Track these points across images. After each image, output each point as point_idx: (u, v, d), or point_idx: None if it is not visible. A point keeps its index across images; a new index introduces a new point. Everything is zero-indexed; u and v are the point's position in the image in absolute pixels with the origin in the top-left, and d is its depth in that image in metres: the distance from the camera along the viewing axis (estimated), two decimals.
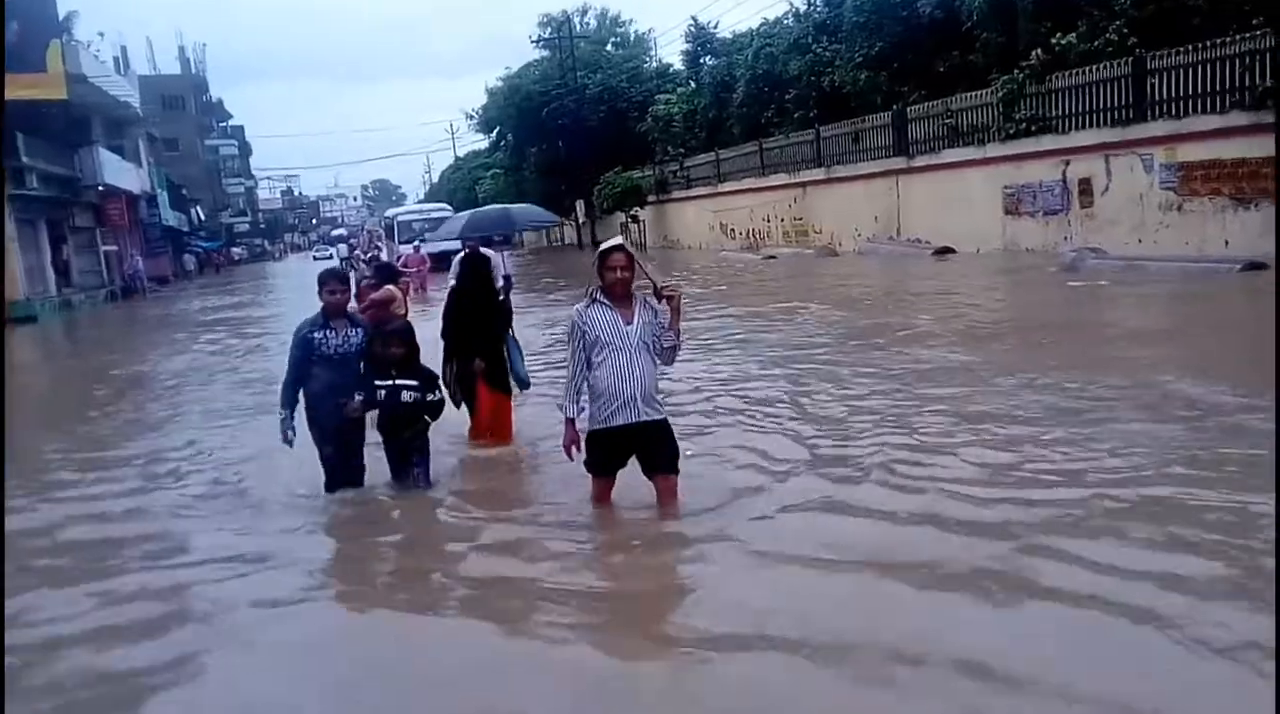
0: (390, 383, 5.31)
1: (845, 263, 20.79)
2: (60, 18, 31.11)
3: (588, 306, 4.42)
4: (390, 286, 10.50)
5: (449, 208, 43.43)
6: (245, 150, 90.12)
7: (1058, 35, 17.24)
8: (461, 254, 7.45)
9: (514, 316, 7.68)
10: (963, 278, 15.65)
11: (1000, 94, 18.24)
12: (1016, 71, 17.94)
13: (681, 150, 34.17)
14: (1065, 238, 16.92)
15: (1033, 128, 17.73)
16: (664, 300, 4.37)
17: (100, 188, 35.01)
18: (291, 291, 33.12)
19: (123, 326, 24.85)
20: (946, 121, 19.94)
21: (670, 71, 41.96)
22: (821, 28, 25.53)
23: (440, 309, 7.47)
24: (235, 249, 76.73)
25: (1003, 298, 13.51)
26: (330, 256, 59.16)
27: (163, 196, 48.36)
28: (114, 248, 38.38)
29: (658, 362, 4.51)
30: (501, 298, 7.54)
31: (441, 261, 29.44)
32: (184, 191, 57.18)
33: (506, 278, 8.73)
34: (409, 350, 5.41)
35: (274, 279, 45.54)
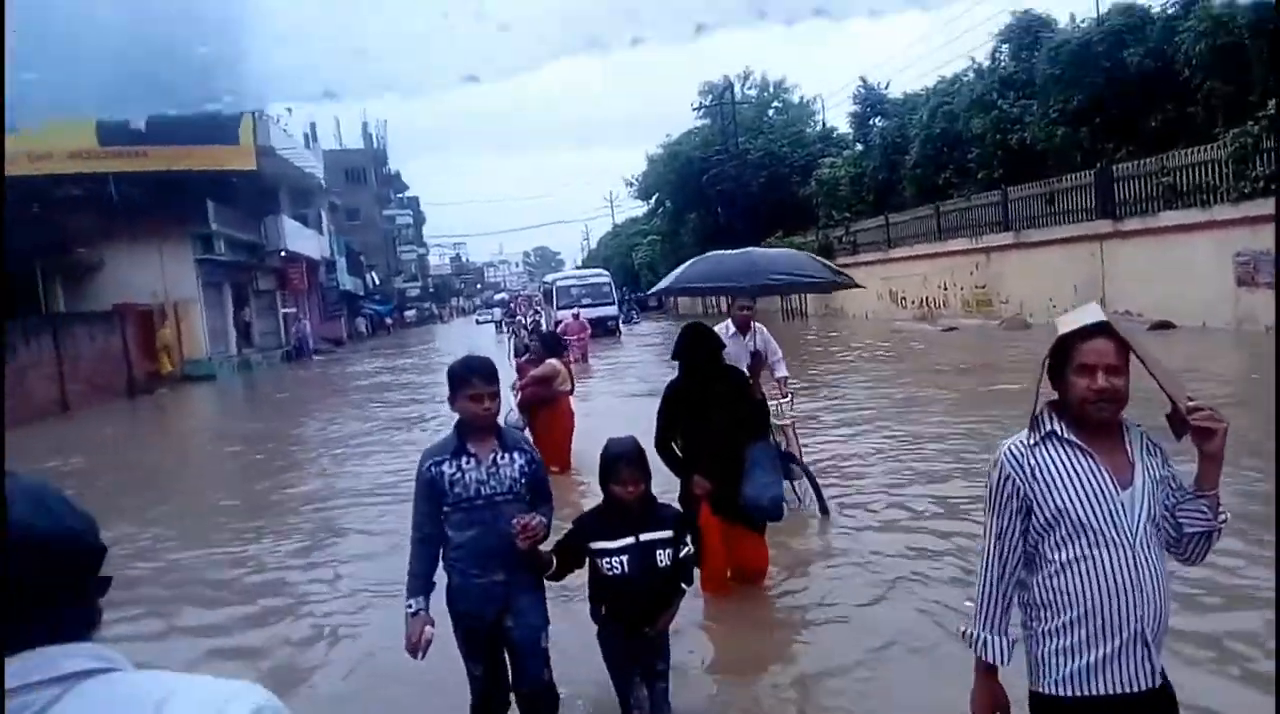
0: (632, 541, 3.37)
1: (1043, 337, 18.65)
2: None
3: (1034, 444, 2.22)
4: (553, 361, 9.62)
5: (606, 273, 43.48)
6: (419, 219, 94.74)
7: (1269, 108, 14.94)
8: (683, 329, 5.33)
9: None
10: (1206, 360, 13.42)
11: (1230, 149, 15.97)
12: (1251, 124, 15.68)
13: (848, 215, 32.69)
14: None
15: (1271, 187, 15.34)
16: (1186, 431, 2.17)
17: (283, 253, 36.84)
18: (452, 355, 33.55)
19: (289, 389, 25.43)
20: (1163, 180, 17.70)
21: (835, 135, 40.73)
22: (1008, 83, 23.75)
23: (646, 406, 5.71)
24: (408, 312, 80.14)
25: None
26: (491, 320, 60.70)
27: (341, 262, 50.83)
28: (293, 310, 40.25)
29: (1171, 555, 2.29)
30: (744, 386, 5.33)
31: (597, 326, 28.98)
32: (361, 258, 60.15)
33: (755, 355, 6.28)
34: (648, 482, 3.46)
35: (439, 342, 46.65)
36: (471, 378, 3.32)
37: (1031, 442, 2.22)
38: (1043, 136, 21.49)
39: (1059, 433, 2.20)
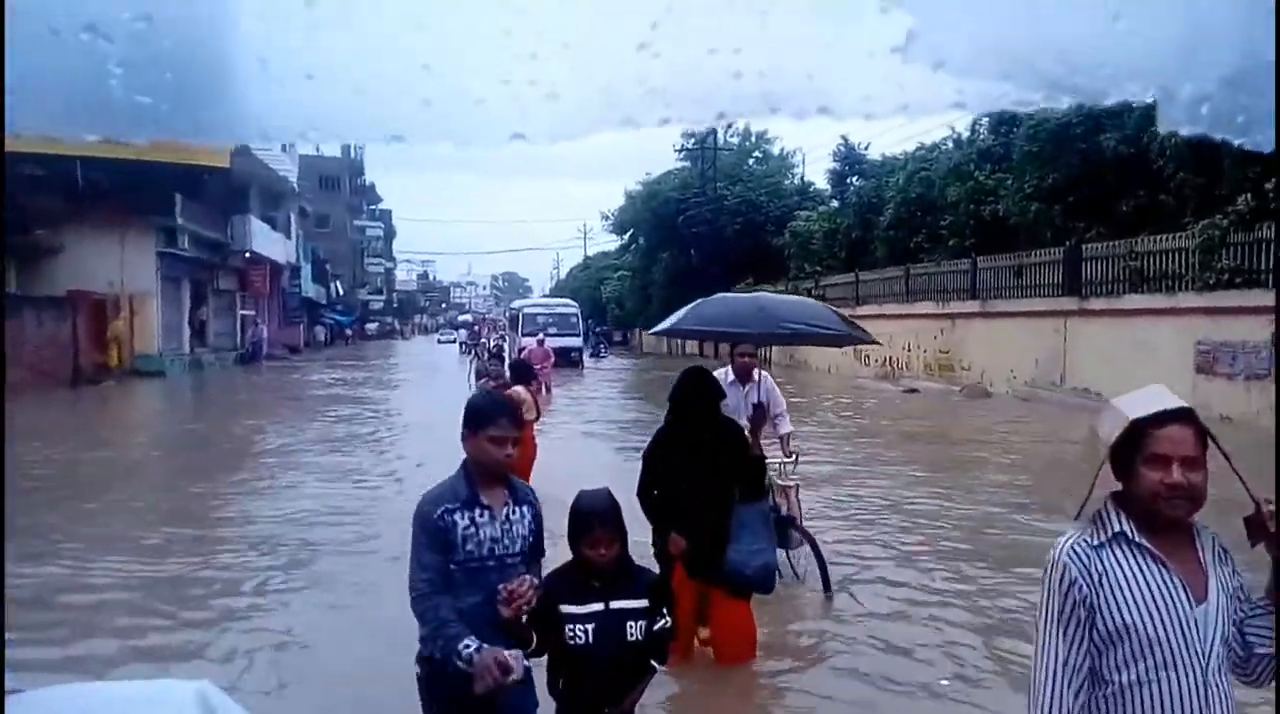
0: (600, 608, 2.98)
1: (1002, 407, 18.80)
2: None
3: (1098, 545, 1.95)
4: (519, 387, 9.37)
5: (574, 303, 43.35)
6: (390, 233, 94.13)
7: (1272, 181, 15.33)
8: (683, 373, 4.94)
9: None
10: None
11: (1198, 240, 16.31)
12: (1219, 217, 16.04)
13: (818, 268, 32.98)
14: (1271, 407, 14.60)
15: (1236, 279, 15.68)
16: (1263, 538, 1.89)
17: (247, 254, 36.22)
18: (411, 372, 33.08)
19: (238, 393, 24.82)
20: (1130, 263, 18.03)
21: (812, 189, 41.25)
22: (986, 155, 24.19)
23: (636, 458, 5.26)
24: (370, 325, 79.26)
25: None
26: (454, 341, 60.22)
27: (306, 269, 50.17)
28: (251, 313, 39.52)
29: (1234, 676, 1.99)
30: (740, 440, 4.90)
31: (561, 357, 28.65)
32: (327, 266, 59.46)
33: (758, 408, 5.91)
34: (623, 542, 3.09)
35: (397, 358, 46.07)
36: (497, 417, 2.90)
37: (1096, 542, 1.92)
38: (1016, 210, 21.85)
39: (1129, 535, 1.91)
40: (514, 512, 2.97)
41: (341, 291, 65.99)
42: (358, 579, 6.40)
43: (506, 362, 17.50)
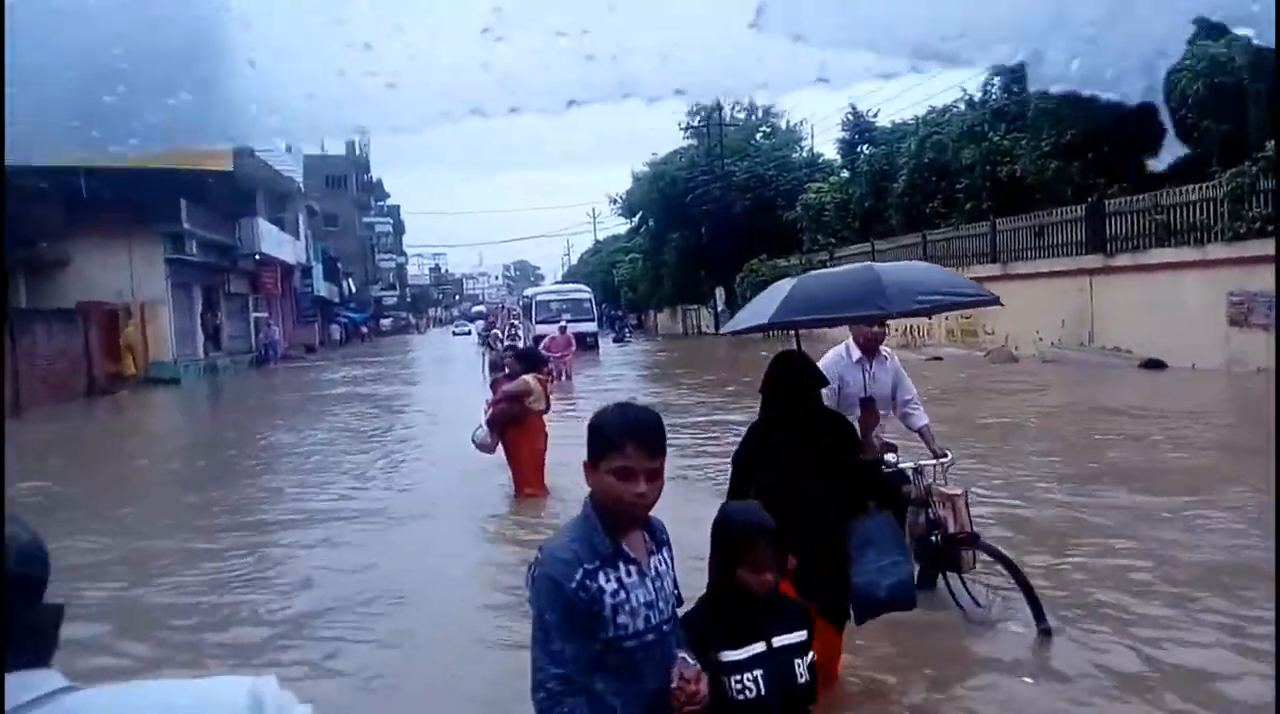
0: (763, 649, 2.42)
1: (1031, 371, 18.35)
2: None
3: None
4: (527, 376, 9.07)
5: (587, 288, 43.03)
6: (399, 228, 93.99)
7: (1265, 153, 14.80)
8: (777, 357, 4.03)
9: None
10: (1195, 400, 13.12)
11: (1226, 189, 15.80)
12: (1248, 164, 15.51)
13: (832, 240, 32.47)
14: None
15: (1268, 227, 15.16)
16: None
17: (257, 257, 36.06)
18: (427, 366, 32.88)
19: (255, 396, 24.69)
20: (1156, 217, 17.52)
21: (821, 160, 40.64)
22: (1000, 115, 23.65)
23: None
24: (384, 321, 79.27)
25: None
26: (469, 332, 60.08)
27: (317, 268, 50.03)
28: (265, 315, 39.41)
29: None
30: (849, 437, 4.06)
31: (577, 343, 28.34)
32: (338, 264, 59.36)
33: (868, 402, 4.77)
34: (783, 564, 2.59)
35: (414, 352, 45.93)
36: (626, 443, 2.06)
37: None
38: (1033, 169, 21.32)
39: None
40: (660, 561, 2.22)
41: (354, 289, 65.92)
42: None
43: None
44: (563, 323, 24.00)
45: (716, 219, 40.33)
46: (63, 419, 17.96)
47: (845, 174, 35.07)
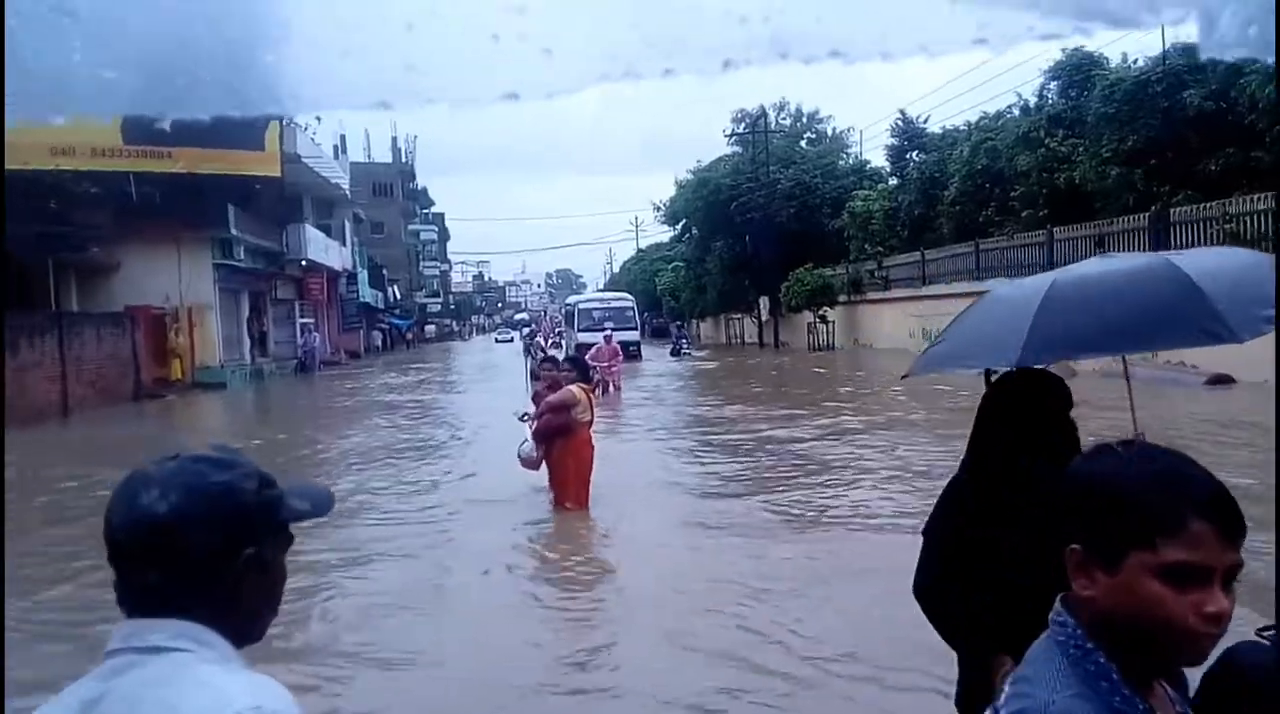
0: None
1: (1092, 385, 17.63)
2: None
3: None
4: (572, 387, 8.78)
5: (630, 297, 42.80)
6: (444, 235, 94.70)
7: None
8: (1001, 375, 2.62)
9: None
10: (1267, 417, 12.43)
11: None
12: None
13: (880, 249, 31.87)
14: None
15: None
16: None
17: (303, 263, 36.36)
18: (471, 373, 32.84)
19: (300, 400, 24.75)
20: (1224, 226, 16.78)
21: (868, 168, 40.01)
22: (1056, 120, 22.94)
23: None
24: (428, 327, 79.85)
25: None
26: (511, 340, 60.21)
27: (362, 275, 50.44)
28: (310, 321, 39.74)
29: None
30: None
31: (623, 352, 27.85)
32: (384, 271, 59.83)
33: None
34: None
35: (457, 359, 46.04)
36: (1193, 520, 1.10)
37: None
38: (1093, 176, 20.63)
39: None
40: None
41: (399, 296, 66.42)
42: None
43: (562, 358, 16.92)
44: (608, 332, 23.41)
45: (761, 227, 39.87)
46: (112, 422, 18.07)
47: (894, 181, 34.45)
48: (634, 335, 35.84)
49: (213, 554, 1.09)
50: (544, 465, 8.50)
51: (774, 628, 5.15)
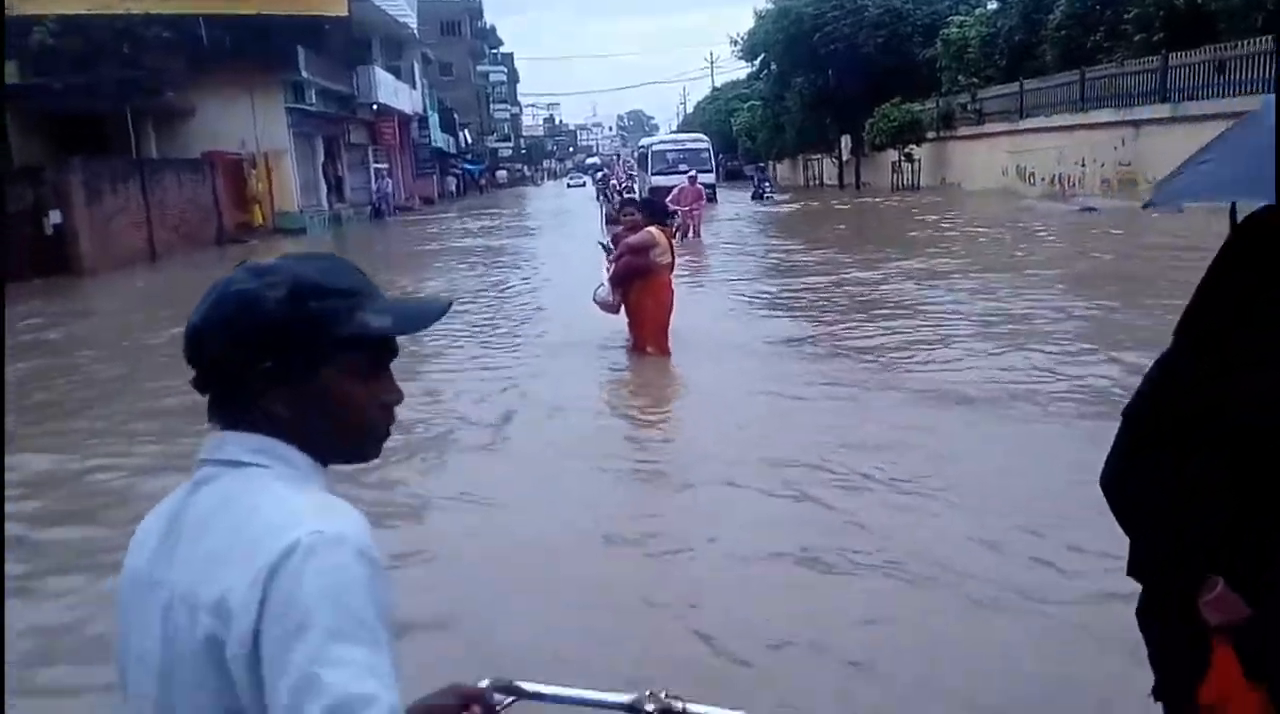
0: None
1: (1203, 224, 16.50)
2: None
3: None
4: (652, 228, 8.46)
5: (705, 138, 41.36)
6: (513, 77, 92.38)
7: None
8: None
9: None
10: None
11: None
12: None
13: (975, 80, 29.81)
14: None
15: None
16: None
17: (375, 107, 35.89)
18: (546, 218, 32.59)
19: (378, 244, 24.94)
20: None
21: None
22: None
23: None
24: (500, 172, 79.23)
25: None
26: (584, 184, 59.41)
27: (433, 119, 49.75)
28: (385, 166, 39.63)
29: None
30: None
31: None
32: (454, 115, 58.89)
33: None
34: None
35: (530, 204, 45.72)
36: None
37: None
38: None
39: None
40: None
41: (470, 140, 65.61)
42: None
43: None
44: (692, 173, 22.37)
45: (845, 60, 37.58)
46: (200, 267, 18.43)
47: (993, 5, 31.84)
48: (709, 178, 34.82)
49: (229, 363, 1.03)
50: (623, 310, 8.31)
51: (861, 479, 4.93)
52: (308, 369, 1.03)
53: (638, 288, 8.14)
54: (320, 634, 0.91)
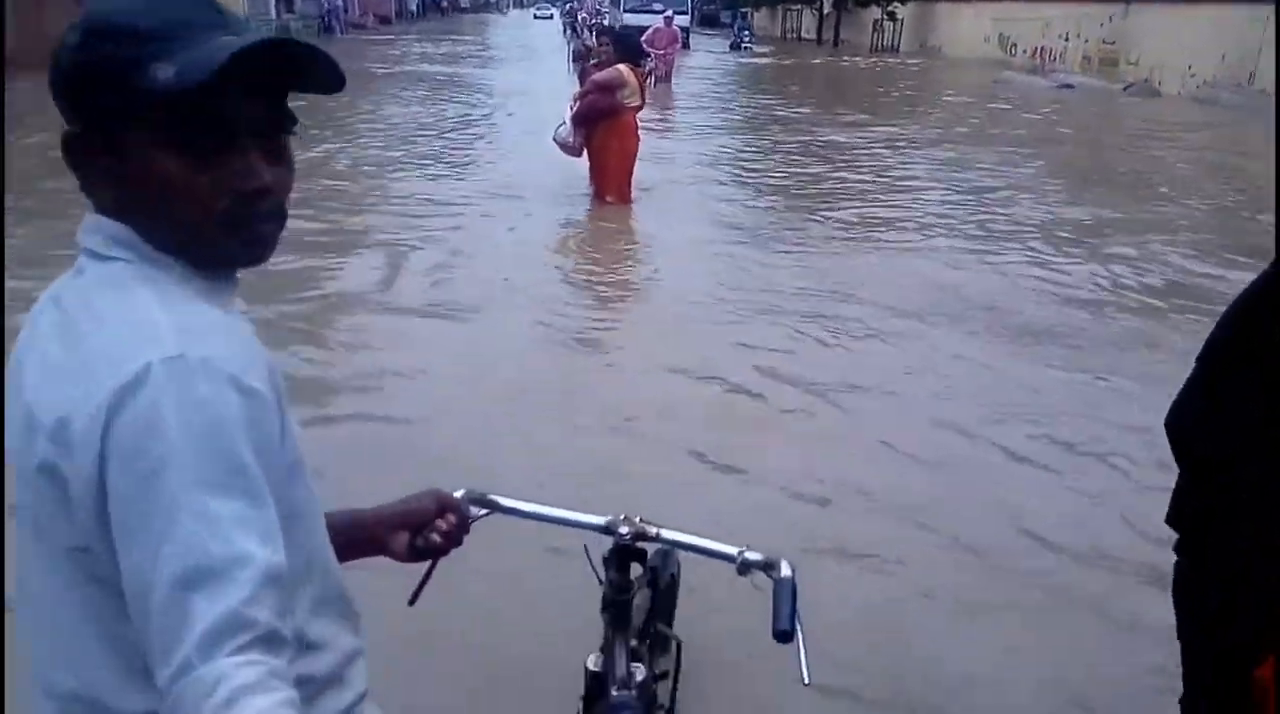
0: None
1: (1179, 110, 16.24)
2: None
3: None
4: (621, 65, 7.98)
5: None
6: None
7: None
8: None
9: None
10: None
11: None
12: None
13: None
14: None
15: None
16: None
17: None
18: (510, 49, 30.95)
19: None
20: None
21: None
22: None
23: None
24: None
25: None
26: (551, 16, 56.45)
27: None
28: None
29: None
30: None
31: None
32: None
33: None
34: None
35: (493, 33, 43.38)
36: None
37: None
38: None
39: None
40: None
41: None
42: None
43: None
44: (669, 12, 20.93)
45: None
46: None
47: None
48: (683, 20, 33.19)
49: (67, 131, 0.85)
50: (584, 153, 7.92)
51: (798, 340, 4.88)
52: (111, 137, 0.82)
53: (602, 129, 7.73)
54: (179, 482, 0.74)
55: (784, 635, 1.23)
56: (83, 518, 0.77)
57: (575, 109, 7.83)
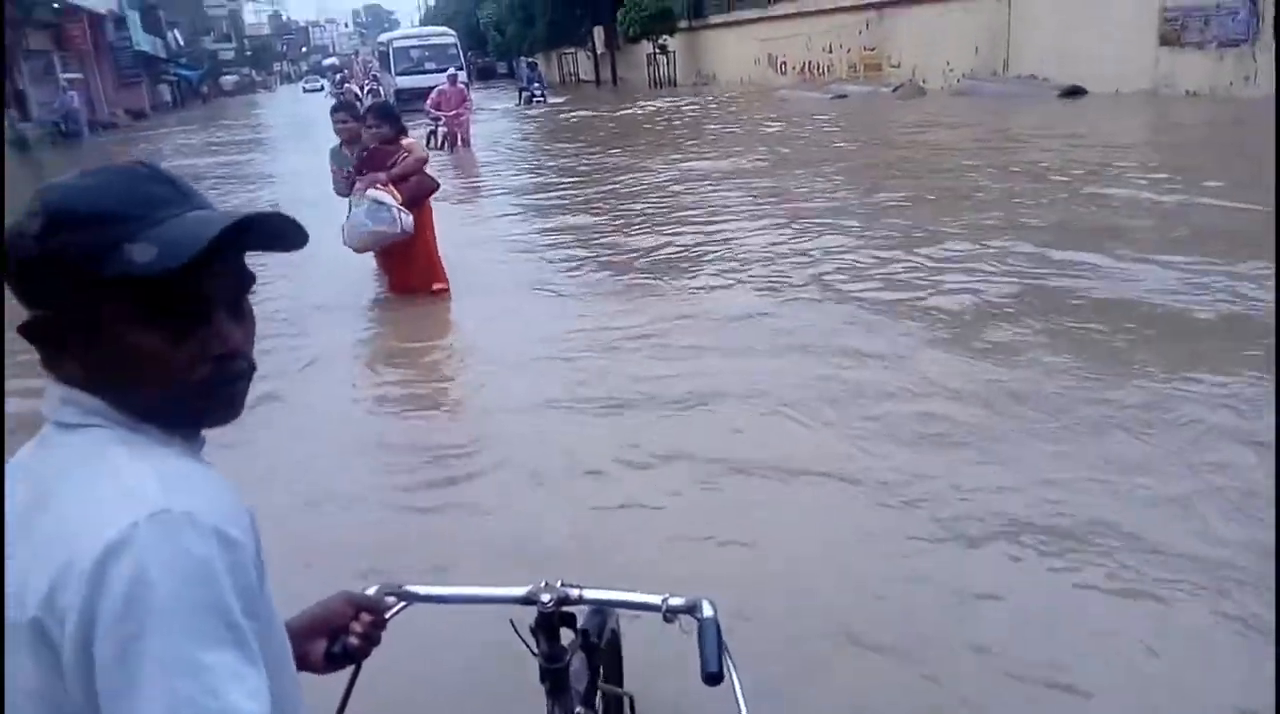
0: None
1: (945, 105, 17.07)
2: None
3: None
4: (410, 140, 7.13)
5: (451, 32, 38.67)
6: None
7: None
8: None
9: None
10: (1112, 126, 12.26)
11: None
12: None
13: None
14: (1246, 77, 13.31)
15: None
16: None
17: (55, 5, 30.65)
18: (283, 129, 29.33)
19: (61, 173, 21.37)
20: None
21: None
22: None
23: None
24: (226, 78, 71.38)
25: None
26: (321, 88, 54.72)
27: (133, 17, 43.52)
28: (79, 75, 34.20)
29: None
30: None
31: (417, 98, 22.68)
32: (159, 13, 51.76)
33: None
34: None
35: (263, 112, 41.32)
36: None
37: None
38: None
39: None
40: None
41: (182, 42, 58.21)
42: None
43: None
44: (451, 70, 19.71)
45: None
46: None
47: None
48: (440, 79, 32.47)
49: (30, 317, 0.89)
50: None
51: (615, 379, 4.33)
52: (86, 318, 0.85)
53: (425, 211, 6.81)
54: (167, 640, 0.75)
55: (713, 679, 1.21)
56: (74, 689, 0.78)
57: (403, 199, 6.49)
